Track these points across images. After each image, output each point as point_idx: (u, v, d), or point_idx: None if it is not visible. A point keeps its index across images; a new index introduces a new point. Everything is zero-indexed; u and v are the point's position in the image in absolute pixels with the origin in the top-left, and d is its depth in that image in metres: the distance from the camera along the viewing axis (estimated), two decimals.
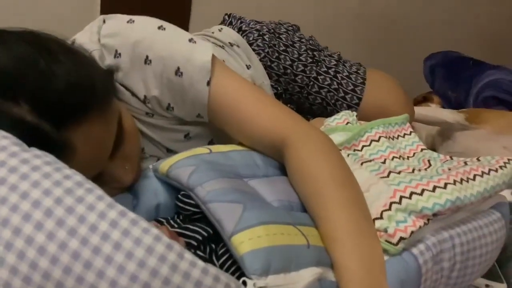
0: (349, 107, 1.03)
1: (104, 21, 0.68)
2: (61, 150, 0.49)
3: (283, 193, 0.60)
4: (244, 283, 0.44)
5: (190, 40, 0.67)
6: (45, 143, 0.47)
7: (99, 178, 0.59)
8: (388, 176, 0.64)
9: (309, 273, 0.48)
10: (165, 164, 0.61)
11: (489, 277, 0.77)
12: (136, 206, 0.63)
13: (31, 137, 0.46)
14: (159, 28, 0.66)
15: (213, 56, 0.67)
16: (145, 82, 0.66)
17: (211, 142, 0.77)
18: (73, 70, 0.50)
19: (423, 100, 1.34)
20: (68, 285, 0.37)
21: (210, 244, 0.54)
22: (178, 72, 0.65)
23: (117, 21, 0.67)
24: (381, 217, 0.57)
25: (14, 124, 0.46)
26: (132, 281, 0.38)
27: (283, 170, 0.65)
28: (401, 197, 0.58)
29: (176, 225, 0.58)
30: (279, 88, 1.01)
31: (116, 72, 0.66)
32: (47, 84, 0.48)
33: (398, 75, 1.15)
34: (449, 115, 1.15)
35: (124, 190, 0.65)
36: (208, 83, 0.65)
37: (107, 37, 0.65)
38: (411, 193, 0.58)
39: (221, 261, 0.51)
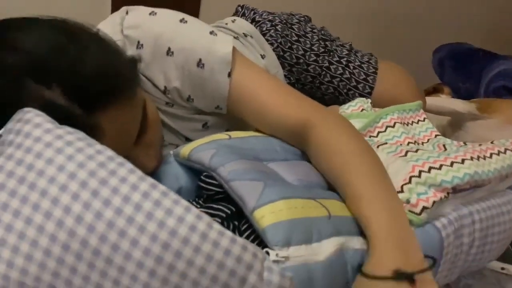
0: (361, 96, 1.04)
1: (127, 13, 0.69)
2: (89, 133, 0.50)
3: (302, 174, 0.61)
4: (267, 253, 0.45)
5: (211, 32, 0.69)
6: (75, 126, 0.48)
7: None
8: (405, 155, 0.65)
9: (331, 244, 0.50)
10: (186, 149, 0.63)
11: (505, 260, 0.78)
12: None
13: (62, 119, 0.48)
14: (180, 20, 0.68)
15: (233, 48, 0.68)
16: (165, 73, 0.67)
17: (227, 131, 0.79)
18: (101, 57, 0.52)
19: (434, 91, 1.35)
20: (104, 252, 0.39)
21: (233, 221, 0.55)
22: (200, 64, 0.66)
23: (140, 13, 0.69)
24: (401, 191, 0.58)
25: (47, 106, 0.48)
26: (164, 249, 0.39)
27: (301, 156, 0.67)
28: (420, 172, 0.59)
29: (198, 206, 0.59)
30: (291, 78, 1.02)
31: (139, 62, 0.67)
32: (78, 69, 0.50)
33: (406, 68, 1.15)
34: (461, 105, 1.16)
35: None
36: (229, 75, 0.67)
37: (130, 28, 0.67)
38: (430, 168, 0.59)
39: (243, 237, 0.52)
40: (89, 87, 0.50)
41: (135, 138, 0.59)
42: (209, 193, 0.60)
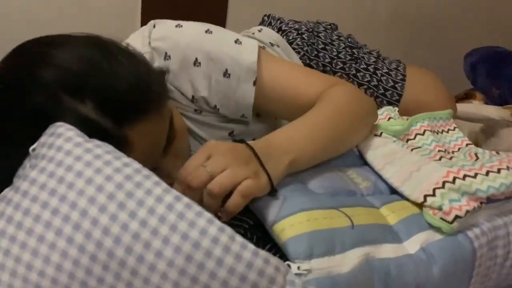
0: (389, 104, 1.03)
1: (154, 26, 0.72)
2: (119, 146, 0.52)
3: (327, 180, 0.61)
4: (289, 266, 0.45)
5: (236, 41, 0.70)
6: (106, 138, 0.50)
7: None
8: (440, 159, 0.64)
9: (356, 254, 0.49)
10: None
11: None
12: None
13: (94, 132, 0.49)
14: (206, 31, 0.70)
15: (259, 49, 0.70)
16: (193, 83, 0.69)
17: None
18: (132, 71, 0.54)
19: (465, 97, 1.31)
20: (130, 263, 0.40)
21: (257, 233, 0.56)
22: (226, 74, 0.68)
23: (167, 25, 0.71)
24: (433, 194, 0.58)
25: (80, 120, 0.50)
26: (187, 261, 0.40)
27: (328, 160, 0.67)
28: (454, 178, 0.58)
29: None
30: None
31: (167, 73, 0.69)
32: (110, 84, 0.52)
33: (437, 73, 1.13)
34: (494, 112, 1.12)
35: None
36: (255, 83, 0.69)
37: (157, 40, 0.69)
38: (465, 175, 0.58)
39: (266, 248, 0.53)
40: (121, 101, 0.52)
41: (163, 149, 0.60)
42: None
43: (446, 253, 0.54)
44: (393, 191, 0.64)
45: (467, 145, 0.77)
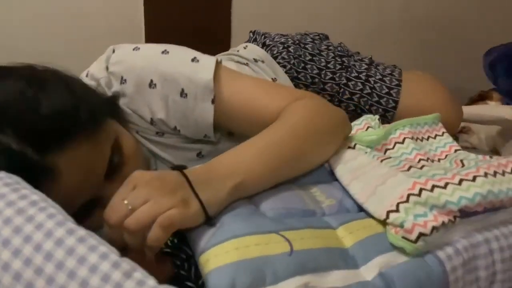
0: (386, 112, 0.96)
1: (113, 51, 0.70)
2: (46, 174, 0.50)
3: (281, 201, 0.55)
4: None
5: (193, 59, 0.67)
6: (30, 168, 0.48)
7: (100, 202, 0.59)
8: (408, 170, 0.57)
9: (291, 285, 0.43)
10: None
11: None
12: None
13: (17, 163, 0.48)
14: (163, 52, 0.68)
15: (217, 66, 0.67)
16: (150, 105, 0.67)
17: None
18: (58, 99, 0.52)
19: (480, 98, 1.20)
20: None
21: (196, 263, 0.51)
22: (183, 94, 0.65)
23: (124, 49, 0.69)
24: (396, 210, 0.51)
25: (1, 152, 0.48)
26: None
27: (293, 179, 0.61)
28: (421, 190, 0.51)
29: (171, 245, 0.56)
30: None
31: (120, 97, 0.67)
32: (31, 112, 0.50)
33: (455, 75, 1.04)
34: (510, 112, 1.02)
35: None
36: (213, 101, 0.65)
37: (114, 64, 0.68)
38: (433, 186, 0.51)
39: (201, 281, 0.48)
40: (42, 128, 0.50)
41: (103, 175, 0.57)
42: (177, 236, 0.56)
43: (408, 278, 0.46)
44: (361, 208, 0.57)
45: (456, 151, 0.68)
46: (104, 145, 0.57)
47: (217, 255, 0.44)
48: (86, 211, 0.58)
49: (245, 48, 1.00)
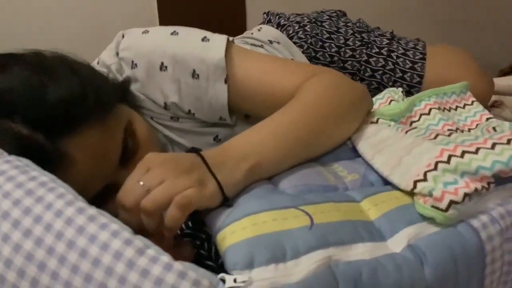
0: (410, 88, 0.91)
1: (123, 36, 0.69)
2: (58, 161, 0.50)
3: (301, 179, 0.53)
4: (223, 280, 0.38)
5: (203, 39, 0.65)
6: (42, 155, 0.48)
7: (115, 189, 0.58)
8: (435, 138, 0.53)
9: (313, 259, 0.40)
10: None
11: None
12: None
13: (28, 149, 0.47)
14: (172, 34, 0.66)
15: (228, 44, 0.65)
16: (162, 89, 0.65)
17: None
18: (65, 85, 0.52)
19: (511, 71, 1.14)
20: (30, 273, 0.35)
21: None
22: (194, 75, 0.64)
23: (133, 33, 0.68)
24: (424, 179, 0.47)
25: (12, 138, 0.48)
26: (86, 282, 0.35)
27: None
28: (450, 156, 0.48)
29: (185, 227, 0.54)
30: None
31: (131, 82, 0.66)
32: (39, 99, 0.50)
33: (485, 49, 0.99)
34: None
35: None
36: (226, 81, 0.63)
37: (124, 50, 0.66)
38: (463, 152, 0.47)
39: (221, 260, 0.46)
40: (52, 114, 0.50)
41: (117, 161, 0.56)
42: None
43: (440, 249, 0.43)
44: (387, 182, 0.54)
45: (487, 119, 0.64)
46: (116, 131, 0.56)
47: (234, 231, 0.42)
48: (102, 199, 0.57)
49: (259, 30, 0.98)
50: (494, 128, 0.59)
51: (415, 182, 0.48)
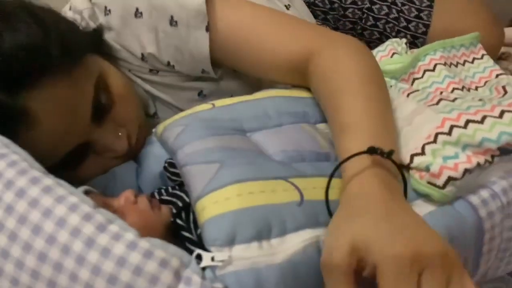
0: (415, 39, 0.85)
1: None
2: (20, 119, 0.45)
3: (292, 143, 0.48)
4: (199, 258, 0.35)
5: None
6: (1, 112, 0.44)
7: (90, 148, 0.54)
8: (437, 103, 0.48)
9: (301, 238, 0.37)
10: (161, 126, 0.54)
11: None
12: (140, 174, 0.57)
13: None
14: None
15: None
16: (138, 39, 0.59)
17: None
18: (25, 33, 0.46)
19: None
20: None
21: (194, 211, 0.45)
22: (172, 22, 0.57)
23: None
24: (422, 153, 0.43)
25: None
26: (41, 261, 0.31)
27: (303, 117, 0.54)
28: (451, 127, 0.43)
29: (165, 193, 0.50)
30: (327, 27, 0.87)
31: (104, 30, 0.60)
32: None
33: None
34: None
35: (129, 158, 0.59)
36: (207, 28, 0.57)
37: None
38: (467, 122, 0.43)
39: (199, 230, 0.42)
40: (7, 66, 0.44)
41: (89, 118, 0.51)
42: (177, 183, 0.51)
43: (436, 228, 0.39)
44: None
45: (497, 76, 0.59)
46: (85, 84, 0.51)
47: (216, 201, 0.38)
48: (77, 158, 0.52)
49: None
50: (504, 88, 0.53)
51: (412, 156, 0.44)
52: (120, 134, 0.56)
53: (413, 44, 0.85)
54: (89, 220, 0.32)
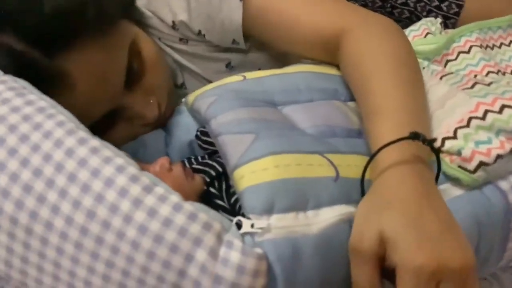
0: (446, 19, 0.84)
1: None
2: (56, 80, 0.46)
3: (323, 118, 0.48)
4: (238, 225, 0.36)
5: None
6: (38, 72, 0.44)
7: (121, 114, 0.55)
8: (472, 87, 0.48)
9: (334, 213, 0.38)
10: (191, 96, 0.55)
11: None
12: (169, 143, 0.58)
13: (22, 65, 0.44)
14: None
15: None
16: (170, 6, 0.59)
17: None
18: None
19: None
20: (22, 221, 0.33)
21: (227, 180, 0.46)
22: None
23: None
24: (454, 136, 0.43)
25: (5, 55, 0.44)
26: (89, 218, 0.32)
27: (333, 94, 0.54)
28: (486, 112, 0.43)
29: (195, 162, 0.51)
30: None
31: None
32: (32, 10, 0.45)
33: None
34: None
35: (157, 127, 0.60)
36: None
37: None
38: (502, 107, 0.43)
39: (233, 199, 0.43)
40: (46, 27, 0.45)
41: (122, 83, 0.52)
42: (207, 152, 0.51)
43: (463, 215, 0.40)
44: None
45: None
46: (119, 49, 0.51)
47: (254, 171, 0.39)
48: (107, 123, 0.53)
49: None
50: None
51: (443, 140, 0.43)
52: (151, 101, 0.56)
53: (444, 25, 0.84)
54: (135, 181, 0.33)
